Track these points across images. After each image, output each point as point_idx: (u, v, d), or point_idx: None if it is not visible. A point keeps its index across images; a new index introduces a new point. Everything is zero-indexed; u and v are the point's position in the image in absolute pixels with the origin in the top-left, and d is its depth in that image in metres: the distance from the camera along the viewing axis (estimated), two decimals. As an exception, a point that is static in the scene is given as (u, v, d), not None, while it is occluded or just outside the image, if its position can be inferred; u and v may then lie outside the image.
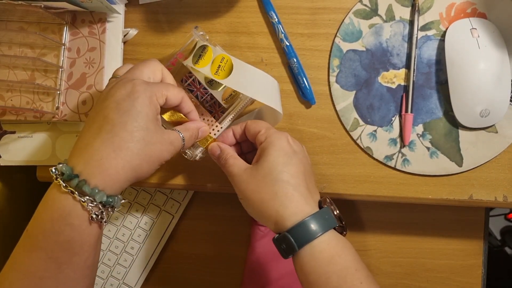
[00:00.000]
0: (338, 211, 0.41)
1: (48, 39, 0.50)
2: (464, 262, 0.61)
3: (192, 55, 0.45)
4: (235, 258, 0.65)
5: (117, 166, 0.36)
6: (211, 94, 0.49)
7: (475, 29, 0.48)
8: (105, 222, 0.38)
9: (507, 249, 1.02)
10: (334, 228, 0.40)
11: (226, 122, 0.48)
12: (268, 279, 0.62)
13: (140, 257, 0.65)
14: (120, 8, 0.52)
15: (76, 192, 0.35)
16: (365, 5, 0.51)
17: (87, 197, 0.36)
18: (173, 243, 0.66)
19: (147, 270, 0.65)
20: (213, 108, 0.50)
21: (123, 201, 0.39)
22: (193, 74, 0.49)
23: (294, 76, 0.52)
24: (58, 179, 0.36)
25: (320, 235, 0.38)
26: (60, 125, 0.54)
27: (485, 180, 0.50)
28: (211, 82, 0.48)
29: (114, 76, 0.42)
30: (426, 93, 0.50)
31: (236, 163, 0.43)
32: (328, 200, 0.41)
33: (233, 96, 0.48)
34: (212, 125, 0.49)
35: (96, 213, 0.36)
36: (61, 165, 0.37)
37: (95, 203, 0.36)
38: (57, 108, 0.51)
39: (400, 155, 0.50)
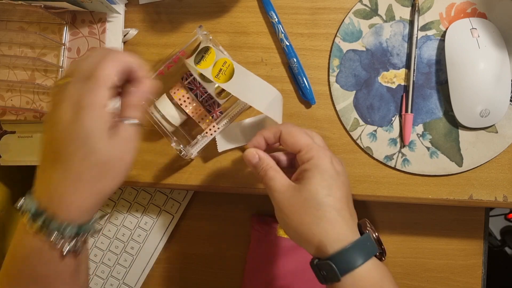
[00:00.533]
0: (377, 234, 0.39)
1: (48, 39, 0.50)
2: (464, 262, 0.61)
3: (195, 55, 0.45)
4: (235, 258, 0.65)
5: (80, 198, 0.35)
6: (210, 93, 0.49)
7: (475, 29, 0.48)
8: (80, 252, 0.36)
9: (507, 249, 1.02)
10: (375, 255, 0.38)
11: (224, 123, 0.48)
12: (268, 279, 0.62)
13: (140, 257, 0.65)
14: (120, 8, 0.52)
15: (45, 229, 0.34)
16: (365, 5, 0.51)
17: (56, 233, 0.34)
18: (173, 243, 0.66)
19: (147, 270, 0.65)
20: (211, 108, 0.50)
21: (105, 217, 0.38)
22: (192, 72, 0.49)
23: (294, 76, 0.52)
24: (24, 215, 0.35)
25: (362, 263, 0.36)
26: (60, 125, 0.54)
27: (485, 180, 0.50)
28: (204, 76, 0.47)
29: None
30: (426, 93, 0.50)
31: (277, 177, 0.40)
32: (367, 223, 0.40)
33: (228, 93, 0.48)
34: (209, 124, 0.49)
35: (68, 248, 0.35)
36: (27, 200, 0.35)
37: (64, 237, 0.35)
38: (57, 108, 0.51)
39: (400, 155, 0.50)
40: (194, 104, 0.49)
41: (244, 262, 0.64)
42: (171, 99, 0.49)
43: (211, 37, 0.47)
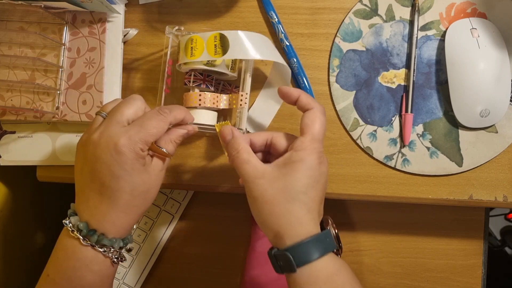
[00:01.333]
0: (336, 231, 0.40)
1: (48, 39, 0.50)
2: (464, 262, 0.61)
3: (184, 51, 0.45)
4: (235, 258, 0.65)
5: (127, 221, 0.41)
6: (217, 78, 0.48)
7: (475, 29, 0.48)
8: (124, 260, 0.42)
9: (507, 249, 1.02)
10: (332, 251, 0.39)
11: (247, 86, 0.47)
12: (268, 279, 0.62)
13: (140, 257, 0.65)
14: (120, 8, 0.52)
15: (99, 244, 0.39)
16: (365, 5, 0.51)
17: (108, 247, 0.40)
18: (173, 243, 0.66)
19: (147, 270, 0.65)
20: (226, 89, 0.49)
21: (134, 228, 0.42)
22: (191, 70, 0.48)
23: (294, 76, 0.52)
24: (74, 232, 0.39)
25: (319, 257, 0.37)
26: (60, 125, 0.54)
27: (485, 180, 0.50)
28: (209, 62, 0.47)
29: (100, 112, 0.43)
30: (426, 93, 0.50)
31: (250, 160, 0.40)
32: (329, 221, 0.40)
33: (235, 61, 0.48)
34: (238, 97, 0.47)
35: (116, 256, 0.41)
36: (75, 221, 0.40)
37: (113, 249, 0.40)
38: (57, 108, 0.51)
39: (400, 155, 0.50)
40: (210, 97, 0.48)
41: (244, 261, 0.64)
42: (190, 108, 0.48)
43: (182, 28, 0.47)
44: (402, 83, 0.50)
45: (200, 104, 0.47)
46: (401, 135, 0.50)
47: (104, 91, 0.51)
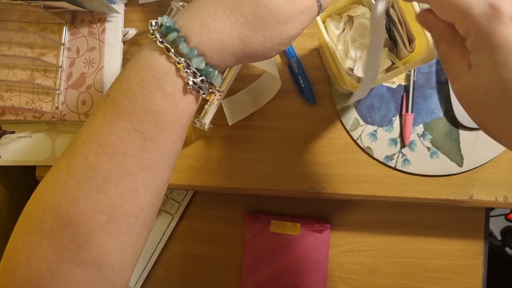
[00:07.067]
0: None
1: (48, 38, 0.50)
2: (465, 262, 0.61)
3: None
4: (235, 258, 0.65)
5: (223, 31, 0.30)
6: None
7: (476, 29, 0.48)
8: (203, 94, 0.31)
9: (508, 250, 1.01)
10: None
11: (226, 85, 0.47)
12: (266, 276, 0.62)
13: (140, 257, 0.65)
14: (120, 8, 0.52)
15: (172, 50, 0.30)
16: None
17: (183, 59, 0.30)
18: (173, 243, 0.66)
19: (147, 270, 0.65)
20: None
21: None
22: None
23: (294, 76, 0.51)
24: (154, 33, 0.30)
25: None
26: (59, 125, 0.54)
27: (486, 180, 0.50)
28: None
29: None
30: (426, 93, 0.50)
31: None
32: None
33: None
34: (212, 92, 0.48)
35: (193, 80, 0.30)
36: (162, 17, 0.31)
37: (191, 70, 0.30)
38: (57, 108, 0.51)
39: (400, 155, 0.50)
40: None
41: (242, 261, 0.64)
42: None
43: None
44: (403, 83, 0.50)
45: None
46: (402, 135, 0.50)
47: (103, 91, 0.51)
